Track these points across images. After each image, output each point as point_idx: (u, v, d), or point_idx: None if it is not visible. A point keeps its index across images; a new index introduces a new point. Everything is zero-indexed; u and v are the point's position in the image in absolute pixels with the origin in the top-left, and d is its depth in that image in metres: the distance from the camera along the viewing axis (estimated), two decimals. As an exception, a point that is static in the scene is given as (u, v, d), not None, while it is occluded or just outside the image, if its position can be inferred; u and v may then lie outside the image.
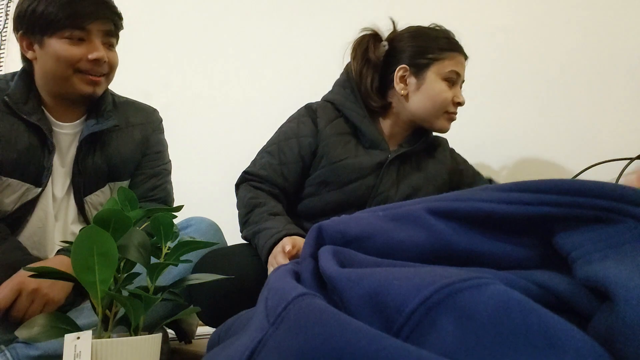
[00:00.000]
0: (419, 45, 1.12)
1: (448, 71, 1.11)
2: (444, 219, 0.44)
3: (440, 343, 0.30)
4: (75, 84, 1.03)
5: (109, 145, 1.12)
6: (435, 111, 1.12)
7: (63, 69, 1.01)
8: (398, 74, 1.13)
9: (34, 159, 1.03)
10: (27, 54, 1.04)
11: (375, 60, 1.15)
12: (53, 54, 1.00)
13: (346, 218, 0.52)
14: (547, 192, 0.41)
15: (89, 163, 1.09)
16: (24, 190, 1.03)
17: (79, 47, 1.01)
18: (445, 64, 1.11)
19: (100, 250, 0.58)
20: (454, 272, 0.35)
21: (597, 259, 0.36)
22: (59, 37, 1.00)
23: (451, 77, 1.11)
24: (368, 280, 0.37)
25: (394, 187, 1.12)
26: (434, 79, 1.11)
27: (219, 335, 0.58)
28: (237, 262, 0.98)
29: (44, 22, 0.99)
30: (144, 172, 1.19)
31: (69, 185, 1.09)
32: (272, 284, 0.43)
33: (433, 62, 1.11)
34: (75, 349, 0.57)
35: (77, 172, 1.08)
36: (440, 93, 1.11)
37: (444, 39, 1.13)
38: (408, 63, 1.12)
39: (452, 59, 1.12)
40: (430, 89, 1.11)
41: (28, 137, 1.03)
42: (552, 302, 0.35)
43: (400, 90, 1.13)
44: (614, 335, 0.30)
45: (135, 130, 1.17)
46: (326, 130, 1.13)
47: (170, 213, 0.71)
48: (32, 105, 1.04)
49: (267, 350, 0.36)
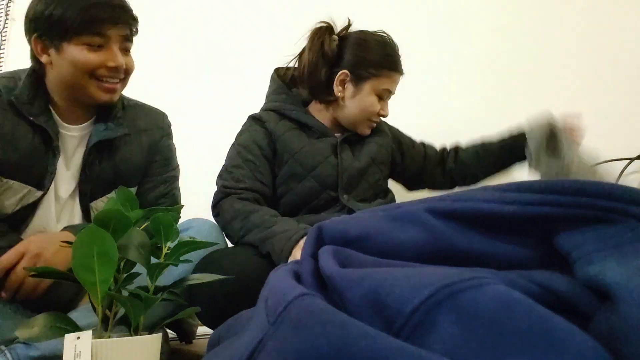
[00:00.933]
0: (362, 57, 1.19)
1: (382, 88, 1.20)
2: (444, 219, 0.44)
3: (441, 343, 0.30)
4: (92, 91, 1.02)
5: (117, 152, 1.10)
6: (361, 119, 1.22)
7: (80, 76, 1.00)
8: (339, 77, 1.20)
9: (38, 162, 1.01)
10: (42, 58, 1.01)
11: (330, 55, 1.21)
12: (71, 60, 0.99)
13: (346, 218, 0.52)
14: (547, 192, 0.41)
15: (96, 169, 1.07)
16: (26, 192, 1.01)
17: (97, 53, 1.00)
18: (382, 81, 1.19)
19: (100, 250, 0.58)
20: (455, 272, 0.35)
21: (598, 259, 0.36)
22: (77, 42, 0.98)
23: (382, 95, 1.21)
24: (368, 280, 0.37)
25: (355, 160, 1.20)
26: (368, 92, 1.19)
27: (219, 335, 0.58)
28: (237, 262, 0.98)
29: (62, 27, 0.97)
30: (153, 180, 1.18)
31: (74, 189, 1.07)
32: (272, 284, 0.43)
33: (371, 77, 1.19)
34: (75, 349, 0.57)
35: (85, 178, 1.07)
36: (370, 106, 1.20)
37: (386, 57, 1.20)
38: (350, 70, 1.19)
39: (389, 77, 1.20)
40: (363, 100, 1.20)
41: (32, 138, 1.01)
42: (553, 302, 0.35)
43: (338, 92, 1.21)
44: (614, 335, 0.30)
45: (144, 136, 1.16)
46: (277, 130, 1.20)
47: (170, 213, 0.71)
48: (39, 106, 1.02)
49: (267, 350, 0.36)
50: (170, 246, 0.70)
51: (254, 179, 1.15)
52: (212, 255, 1.01)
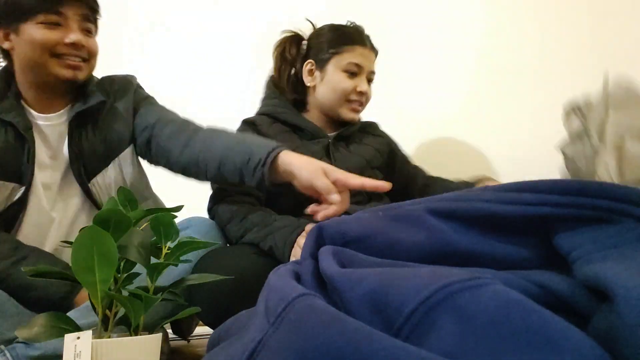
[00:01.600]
0: (321, 41, 1.24)
1: (346, 63, 1.20)
2: (444, 219, 0.44)
3: (440, 343, 0.30)
4: (54, 68, 1.02)
5: (100, 122, 1.10)
6: (337, 100, 1.22)
7: (39, 54, 1.00)
8: (306, 68, 1.25)
9: (14, 158, 1.01)
10: (4, 45, 1.02)
11: (290, 58, 1.27)
12: (28, 40, 0.99)
13: (346, 218, 0.52)
14: (547, 192, 0.41)
15: (84, 145, 1.07)
16: (10, 189, 1.01)
17: (54, 31, 1.00)
18: (344, 57, 1.21)
19: (100, 250, 0.58)
20: (454, 272, 0.35)
21: (598, 259, 0.36)
22: (34, 22, 0.99)
23: (350, 68, 1.21)
24: (368, 280, 0.37)
25: (348, 161, 1.20)
26: (333, 71, 1.22)
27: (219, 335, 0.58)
28: (237, 262, 0.98)
29: (18, 9, 0.98)
30: (147, 119, 1.15)
31: (64, 172, 1.07)
32: (272, 284, 0.43)
33: (333, 55, 1.21)
34: (75, 349, 0.57)
35: (74, 156, 1.06)
36: (339, 83, 1.21)
37: (342, 34, 1.23)
38: (313, 58, 1.24)
39: (351, 51, 1.21)
40: (330, 80, 1.22)
41: (5, 135, 1.01)
42: (552, 302, 0.35)
43: (308, 82, 1.25)
44: (613, 335, 0.30)
45: (119, 100, 1.15)
46: (270, 132, 1.21)
47: (170, 213, 0.71)
48: (9, 102, 1.03)
49: (267, 351, 0.36)
50: (170, 246, 0.71)
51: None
52: (211, 255, 1.01)
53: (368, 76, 1.25)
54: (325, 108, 1.25)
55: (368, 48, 1.24)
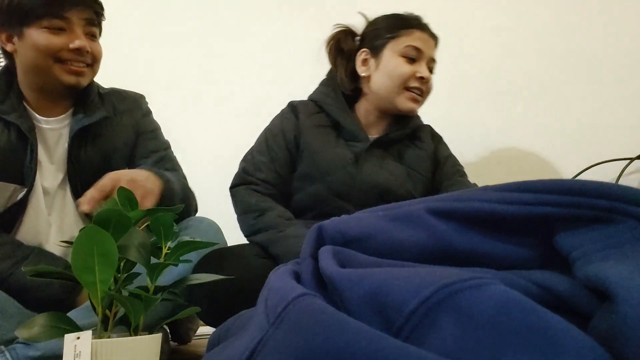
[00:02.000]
0: (376, 28, 1.18)
1: (404, 47, 1.13)
2: (445, 219, 0.44)
3: (440, 343, 0.30)
4: (57, 74, 1.01)
5: (100, 137, 1.10)
6: (394, 87, 1.13)
7: (43, 60, 0.99)
8: (360, 57, 1.19)
9: (16, 159, 1.01)
10: (7, 47, 1.02)
11: (347, 50, 1.21)
12: (32, 44, 0.98)
13: (346, 218, 0.52)
14: (547, 192, 0.41)
15: (82, 158, 1.06)
16: (12, 191, 1.01)
17: (59, 36, 0.99)
18: (401, 41, 1.13)
19: (100, 250, 0.58)
20: (454, 272, 0.35)
21: (598, 259, 0.36)
22: (38, 26, 0.98)
23: (408, 53, 1.13)
24: (368, 280, 0.37)
25: (374, 176, 1.12)
26: (390, 55, 1.14)
27: (219, 335, 0.58)
28: (237, 262, 0.98)
29: (22, 13, 0.97)
30: (144, 152, 1.16)
31: (61, 181, 1.07)
32: (272, 284, 0.43)
33: (389, 40, 1.14)
34: (75, 349, 0.57)
35: (72, 169, 1.06)
36: (396, 67, 1.12)
37: (398, 19, 1.17)
38: (368, 46, 1.18)
39: (409, 35, 1.13)
40: (387, 66, 1.14)
41: (7, 136, 1.01)
42: (552, 302, 0.35)
43: (362, 72, 1.18)
44: (614, 335, 0.30)
45: (124, 117, 1.15)
46: (306, 123, 1.16)
47: (170, 213, 0.71)
48: (11, 103, 1.02)
49: (267, 351, 0.36)
50: (170, 246, 0.70)
51: (273, 170, 1.14)
52: (211, 255, 1.01)
53: (428, 64, 1.15)
54: (381, 99, 1.16)
55: (427, 33, 1.15)
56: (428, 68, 1.15)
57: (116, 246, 0.59)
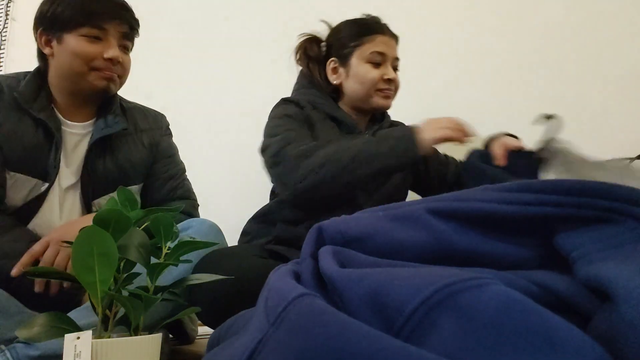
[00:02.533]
0: (340, 37, 1.23)
1: (369, 53, 1.19)
2: (445, 219, 0.44)
3: (441, 343, 0.30)
4: (90, 79, 1.06)
5: (120, 150, 1.14)
6: (366, 91, 1.20)
7: (79, 65, 1.05)
8: (329, 67, 1.24)
9: (41, 155, 1.05)
10: (45, 50, 1.07)
11: (315, 55, 1.26)
12: (70, 50, 1.04)
13: (346, 218, 0.52)
14: (547, 192, 0.41)
15: (99, 167, 1.11)
16: (33, 185, 1.05)
17: (95, 45, 1.05)
18: (365, 47, 1.19)
19: (100, 250, 0.58)
20: (455, 272, 0.35)
21: (598, 259, 0.36)
22: (77, 34, 1.03)
23: (374, 58, 1.19)
24: (368, 280, 0.37)
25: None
26: (357, 63, 1.20)
27: (219, 335, 0.58)
28: (237, 262, 0.98)
29: (65, 19, 1.03)
30: (161, 177, 1.21)
31: (72, 185, 1.10)
32: (272, 284, 0.43)
33: (354, 49, 1.20)
34: (75, 349, 0.57)
35: (87, 175, 1.09)
36: (365, 74, 1.19)
37: (360, 26, 1.22)
38: (335, 55, 1.23)
39: (371, 41, 1.19)
40: (356, 73, 1.20)
41: (35, 133, 1.05)
42: (553, 302, 0.35)
43: (334, 80, 1.24)
44: (614, 335, 0.30)
45: (144, 135, 1.20)
46: (313, 114, 1.19)
47: (170, 213, 0.71)
48: (41, 102, 1.07)
49: (267, 351, 0.36)
50: (170, 246, 0.70)
51: (308, 136, 1.13)
52: (211, 255, 1.01)
53: (392, 63, 1.22)
54: (357, 102, 1.23)
55: (388, 35, 1.22)
56: (393, 67, 1.22)
57: (116, 246, 0.59)
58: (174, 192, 1.22)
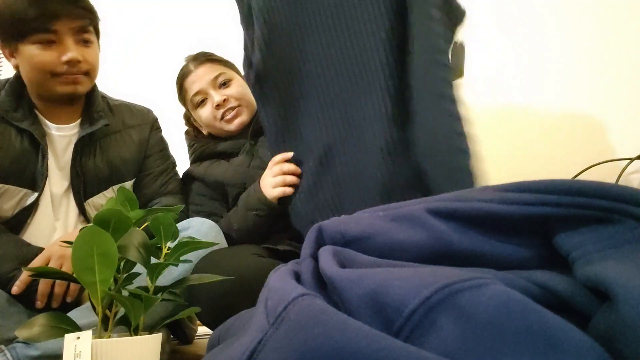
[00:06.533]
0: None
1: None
2: (444, 219, 0.44)
3: (440, 343, 0.30)
4: (54, 87, 1.03)
5: (109, 148, 1.13)
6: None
7: (39, 75, 1.01)
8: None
9: (29, 164, 1.04)
10: (10, 61, 1.04)
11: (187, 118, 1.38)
12: (28, 61, 1.00)
13: (346, 218, 0.52)
14: (547, 192, 0.41)
15: (89, 166, 1.10)
16: (22, 195, 1.03)
17: (50, 50, 1.00)
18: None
19: (100, 250, 0.58)
20: (454, 272, 0.35)
21: (598, 259, 0.36)
22: (29, 42, 0.99)
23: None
24: (368, 280, 0.37)
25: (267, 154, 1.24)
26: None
27: (219, 335, 0.58)
28: (237, 262, 0.97)
29: (14, 29, 0.98)
30: (152, 172, 1.21)
31: (67, 188, 1.09)
32: (272, 284, 0.43)
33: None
34: (75, 349, 0.57)
35: (76, 175, 1.08)
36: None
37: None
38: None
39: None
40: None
41: (21, 142, 1.03)
42: (552, 302, 0.35)
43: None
44: (614, 335, 0.30)
45: (133, 131, 1.19)
46: (201, 172, 1.27)
47: (170, 213, 0.71)
48: (23, 111, 1.05)
49: (267, 351, 0.36)
50: (170, 246, 0.70)
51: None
52: (211, 256, 1.01)
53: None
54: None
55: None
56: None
57: (116, 246, 0.59)
58: (165, 186, 1.22)
